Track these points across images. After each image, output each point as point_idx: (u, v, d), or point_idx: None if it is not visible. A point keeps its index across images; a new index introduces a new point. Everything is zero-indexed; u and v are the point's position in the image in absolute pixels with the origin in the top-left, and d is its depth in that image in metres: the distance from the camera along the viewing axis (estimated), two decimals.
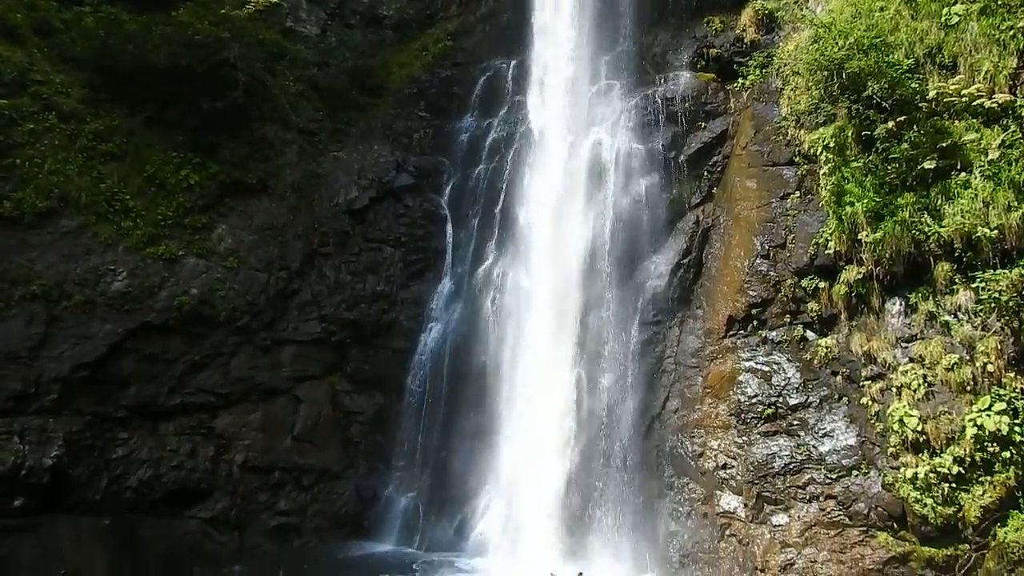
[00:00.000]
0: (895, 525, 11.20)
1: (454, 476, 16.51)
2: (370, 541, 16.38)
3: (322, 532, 16.28)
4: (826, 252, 12.89)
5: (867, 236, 11.89)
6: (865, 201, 11.99)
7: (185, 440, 15.37)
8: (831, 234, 12.72)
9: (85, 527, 13.37)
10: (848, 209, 12.24)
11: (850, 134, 12.70)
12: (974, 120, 11.56)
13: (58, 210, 14.72)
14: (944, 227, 11.21)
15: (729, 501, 13.13)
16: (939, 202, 11.43)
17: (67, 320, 14.25)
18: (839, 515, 11.77)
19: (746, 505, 12.83)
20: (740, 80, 16.34)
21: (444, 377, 17.38)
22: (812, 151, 13.66)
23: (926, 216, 11.46)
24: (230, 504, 15.58)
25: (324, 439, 16.99)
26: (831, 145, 12.93)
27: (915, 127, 11.66)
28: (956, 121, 11.74)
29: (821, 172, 13.26)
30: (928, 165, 11.41)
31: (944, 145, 11.46)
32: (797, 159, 14.23)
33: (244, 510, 15.73)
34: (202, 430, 15.70)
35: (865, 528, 11.50)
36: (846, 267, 12.57)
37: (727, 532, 13.04)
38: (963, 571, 10.36)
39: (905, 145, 11.60)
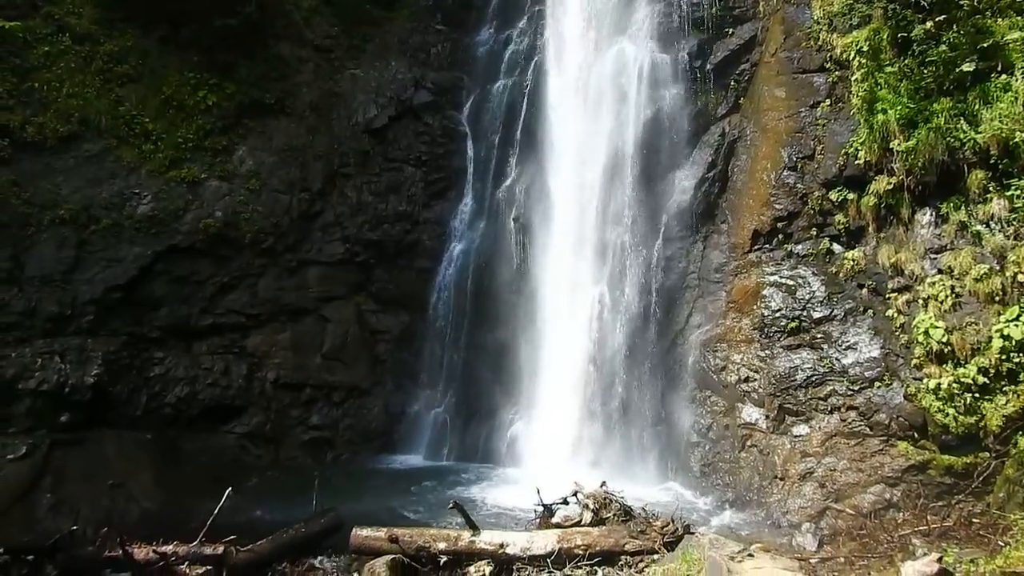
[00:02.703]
0: (915, 435, 11.30)
1: (480, 391, 16.91)
2: (400, 454, 16.98)
3: (354, 446, 16.90)
4: (856, 162, 12.54)
5: (899, 145, 11.51)
6: (899, 108, 11.55)
7: (218, 359, 15.89)
8: (862, 143, 12.34)
9: (129, 441, 14.02)
10: (880, 117, 11.81)
11: (885, 36, 12.12)
12: (1019, 18, 10.94)
13: (80, 134, 14.81)
14: (980, 133, 10.79)
15: (751, 413, 13.32)
16: (976, 107, 10.96)
17: (96, 244, 14.55)
18: (860, 425, 11.90)
19: (767, 416, 13.01)
20: None
21: (468, 295, 17.56)
22: (845, 56, 13.10)
23: (962, 122, 11.02)
24: (264, 419, 16.20)
25: (352, 357, 17.41)
26: (865, 49, 12.38)
27: (955, 27, 11.09)
28: (999, 19, 11.12)
29: (853, 78, 12.74)
30: (967, 68, 10.90)
31: (985, 46, 10.90)
32: (828, 65, 13.68)
33: (278, 425, 16.37)
34: (234, 349, 16.19)
35: (886, 438, 11.63)
36: (876, 178, 12.24)
37: (748, 443, 13.28)
38: (981, 478, 10.47)
39: (943, 47, 11.07)
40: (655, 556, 9.31)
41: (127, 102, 15.45)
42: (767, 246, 13.95)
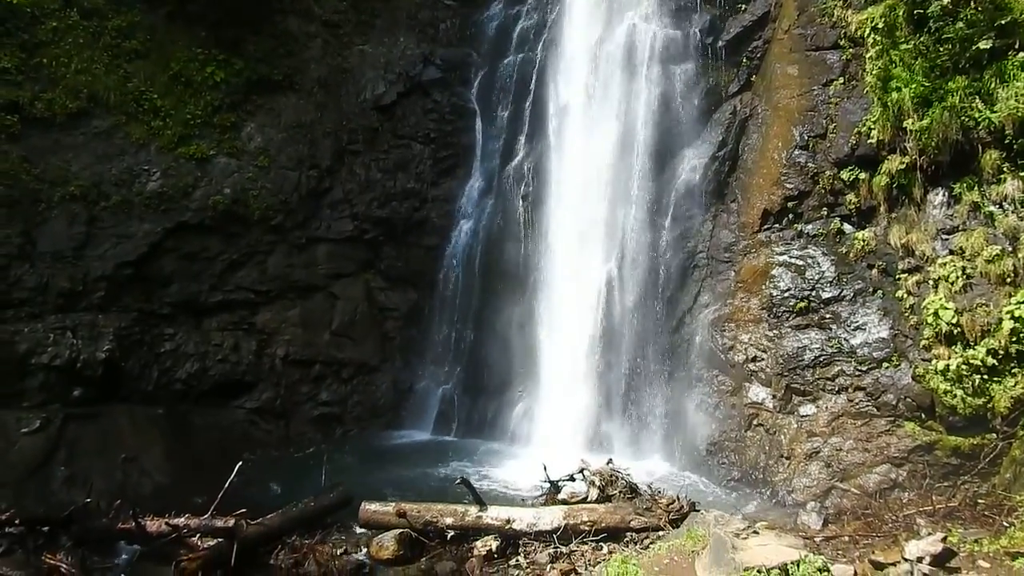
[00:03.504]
0: (923, 415, 11.30)
1: (487, 369, 16.98)
2: (408, 430, 17.14)
3: (362, 421, 17.07)
4: (868, 141, 12.40)
5: (913, 124, 11.36)
6: (913, 86, 11.39)
7: (228, 335, 16.03)
8: (875, 122, 12.19)
9: (141, 416, 14.19)
10: (894, 95, 11.65)
11: (901, 13, 11.89)
12: None
13: (89, 110, 14.82)
14: (996, 112, 10.63)
15: (757, 392, 13.34)
16: (992, 85, 10.79)
17: (107, 220, 14.63)
18: (867, 406, 11.91)
19: (774, 396, 13.03)
20: None
21: (476, 273, 17.59)
22: (859, 33, 12.89)
23: (977, 101, 10.86)
24: (274, 395, 16.35)
25: (361, 334, 17.51)
26: (880, 26, 12.16)
27: (972, 3, 10.87)
28: None
29: (868, 56, 12.56)
30: (984, 45, 10.72)
31: (1003, 23, 10.70)
32: (843, 42, 13.47)
33: (288, 401, 16.52)
34: (244, 326, 16.32)
35: (893, 418, 11.64)
36: (888, 157, 12.10)
37: (754, 422, 13.31)
38: (988, 460, 10.48)
39: (960, 24, 10.87)
40: (660, 533, 9.41)
41: (135, 78, 15.42)
42: (777, 226, 13.87)
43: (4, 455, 12.05)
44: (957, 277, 10.90)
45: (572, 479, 10.86)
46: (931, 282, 11.32)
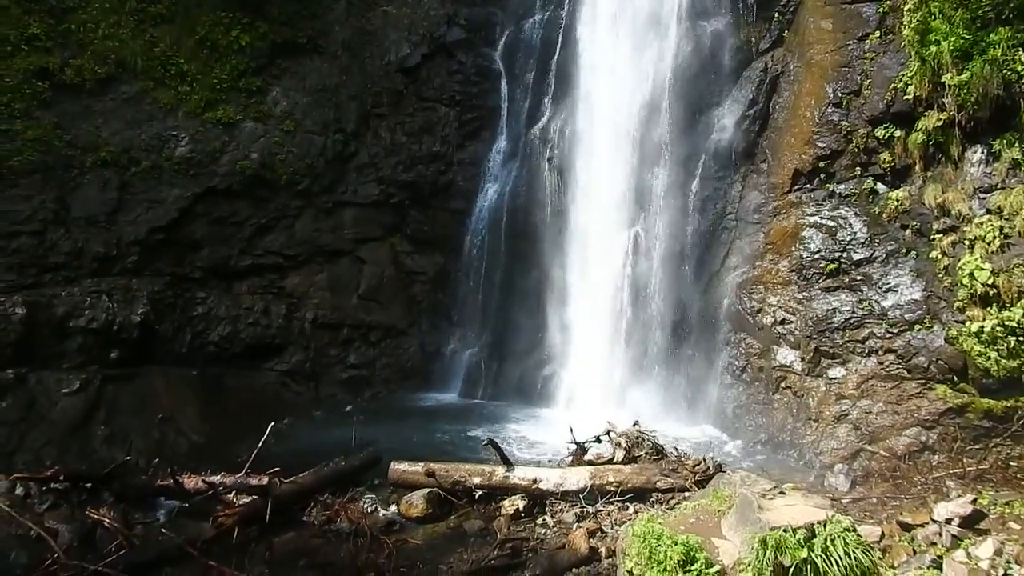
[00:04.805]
0: (955, 378, 11.14)
1: (514, 331, 17.05)
2: (436, 392, 17.34)
3: (390, 384, 17.31)
4: (905, 97, 12.03)
5: (952, 78, 10.97)
6: (952, 39, 10.97)
7: (258, 299, 16.30)
8: (911, 77, 11.80)
9: (175, 377, 14.54)
10: (933, 49, 11.24)
11: None
12: None
13: (117, 76, 14.93)
14: None
15: (786, 355, 13.24)
16: None
17: (138, 186, 14.84)
18: (898, 368, 11.76)
19: (803, 359, 12.92)
20: None
21: (502, 236, 17.56)
22: None
23: (1020, 54, 10.43)
24: (304, 358, 16.64)
25: (388, 298, 17.66)
26: None
27: None
28: None
29: (905, 8, 12.09)
30: None
31: None
32: None
33: (317, 363, 16.81)
34: (273, 289, 16.56)
35: (924, 381, 11.49)
36: (925, 113, 11.73)
37: (782, 385, 13.24)
38: (1021, 422, 10.33)
39: None
40: (686, 493, 9.47)
41: (161, 43, 15.46)
42: (808, 186, 13.60)
43: (47, 415, 12.45)
44: (994, 237, 10.61)
45: (598, 441, 10.94)
46: (967, 242, 11.05)
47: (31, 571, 7.66)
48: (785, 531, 6.15)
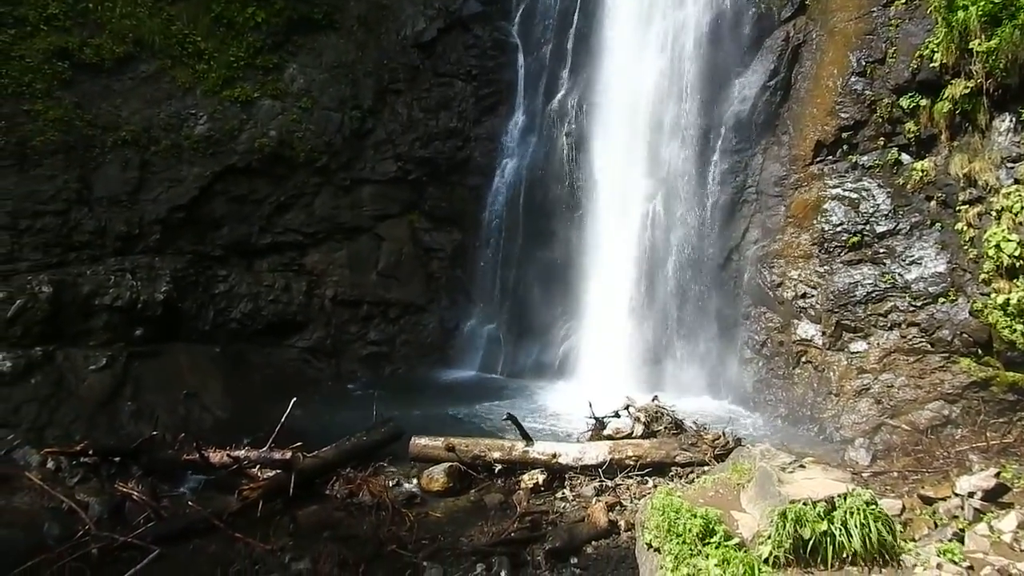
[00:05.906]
0: (979, 351, 11.00)
1: (532, 308, 17.08)
2: (455, 368, 17.45)
3: (410, 360, 17.43)
4: (931, 65, 11.73)
5: (980, 44, 10.69)
6: (981, 3, 10.66)
7: (279, 276, 16.45)
8: (938, 44, 11.50)
9: (199, 354, 14.76)
10: (960, 14, 10.94)
11: None
12: None
13: (135, 55, 15.00)
14: None
15: (807, 329, 13.14)
16: None
17: (158, 164, 14.96)
18: (921, 342, 11.63)
19: (824, 333, 12.81)
20: None
21: (520, 212, 17.51)
22: None
23: None
24: (325, 335, 16.79)
25: (407, 274, 17.73)
26: None
27: None
28: None
29: None
30: None
31: None
32: None
33: (338, 340, 16.96)
34: (293, 267, 16.70)
35: (947, 354, 11.36)
36: (952, 81, 11.45)
37: (803, 359, 13.16)
38: None
39: None
40: (705, 468, 9.48)
41: (178, 21, 15.47)
42: (830, 158, 13.37)
43: (75, 391, 12.71)
44: (1022, 207, 10.40)
45: (617, 415, 10.97)
46: (993, 213, 10.83)
47: (63, 542, 7.87)
48: (805, 504, 6.14)
